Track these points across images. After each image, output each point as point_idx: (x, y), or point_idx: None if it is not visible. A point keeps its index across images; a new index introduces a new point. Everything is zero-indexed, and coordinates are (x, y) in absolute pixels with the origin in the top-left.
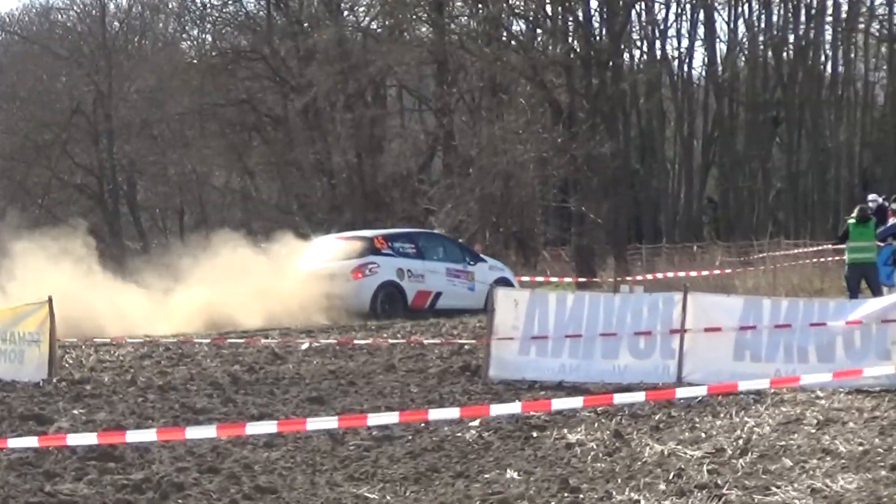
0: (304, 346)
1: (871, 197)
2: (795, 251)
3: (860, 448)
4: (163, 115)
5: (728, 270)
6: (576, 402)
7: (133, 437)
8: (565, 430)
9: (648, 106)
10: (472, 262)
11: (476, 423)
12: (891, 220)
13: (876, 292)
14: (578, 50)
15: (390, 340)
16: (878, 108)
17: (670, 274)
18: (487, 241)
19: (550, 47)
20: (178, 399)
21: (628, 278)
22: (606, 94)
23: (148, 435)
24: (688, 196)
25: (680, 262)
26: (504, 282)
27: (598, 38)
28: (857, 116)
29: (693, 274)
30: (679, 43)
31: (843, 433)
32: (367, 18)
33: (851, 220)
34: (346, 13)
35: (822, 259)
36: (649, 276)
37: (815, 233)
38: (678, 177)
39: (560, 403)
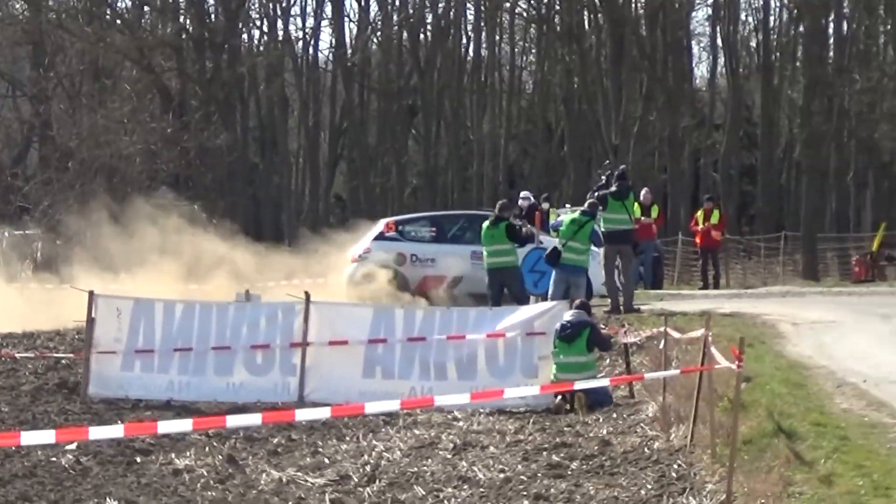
0: None
1: (523, 195)
2: None
3: (501, 475)
4: None
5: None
6: (185, 424)
7: None
8: (173, 455)
9: (269, 93)
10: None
11: (73, 446)
12: (554, 220)
13: (521, 300)
14: (190, 30)
15: None
16: (525, 96)
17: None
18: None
19: (159, 27)
20: None
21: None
22: (222, 79)
23: None
24: (313, 193)
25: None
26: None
27: (212, 16)
28: (503, 105)
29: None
30: (304, 22)
31: (482, 459)
32: None
33: (486, 223)
34: None
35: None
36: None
37: None
38: (303, 172)
39: (167, 426)
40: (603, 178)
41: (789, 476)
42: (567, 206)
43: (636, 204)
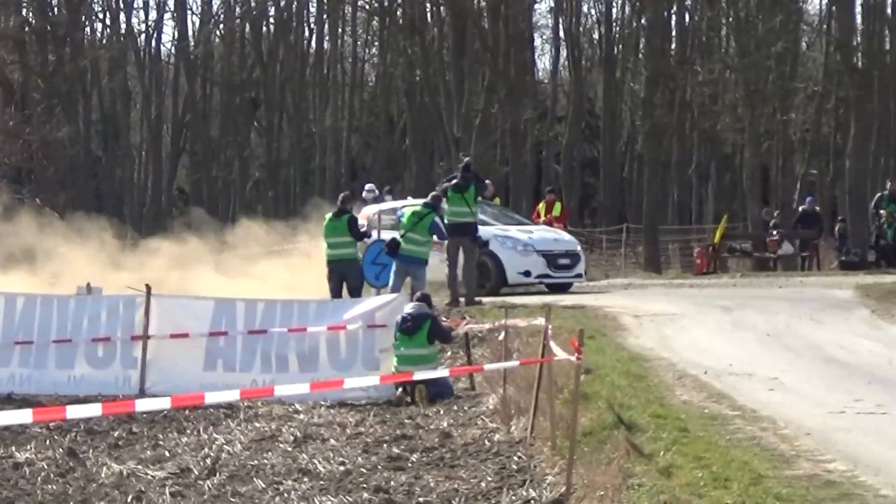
0: None
1: (368, 187)
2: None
3: (342, 468)
4: None
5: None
6: (24, 416)
7: None
8: (13, 448)
9: (112, 86)
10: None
11: None
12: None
13: (354, 293)
14: (33, 23)
15: None
16: (368, 88)
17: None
18: None
19: (1, 20)
20: None
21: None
22: (64, 72)
23: None
24: (156, 186)
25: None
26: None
27: (54, 9)
28: (346, 98)
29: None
30: (147, 15)
31: (322, 451)
32: None
33: (328, 215)
34: None
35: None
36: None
37: (298, 227)
38: (145, 165)
39: (6, 418)
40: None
41: (629, 468)
42: (409, 198)
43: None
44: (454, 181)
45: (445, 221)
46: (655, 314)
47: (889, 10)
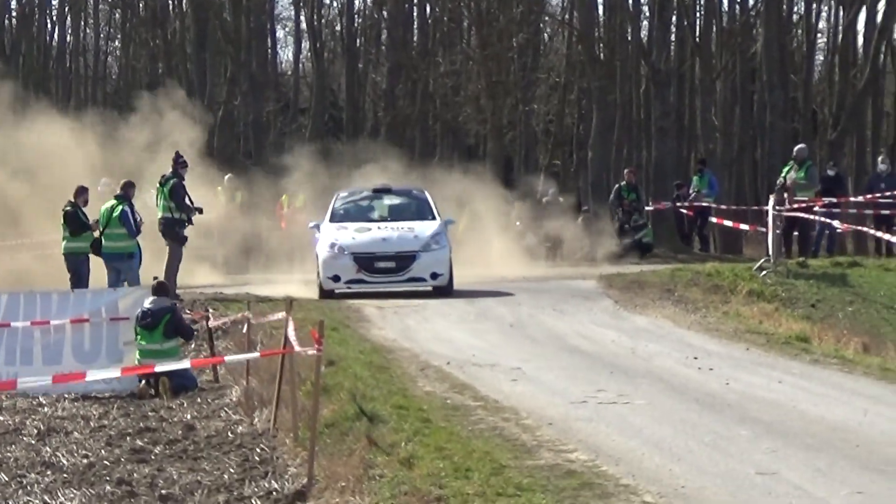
0: None
1: (103, 181)
2: None
3: (85, 461)
4: None
5: None
6: None
7: None
8: None
9: None
10: None
11: None
12: None
13: (80, 285)
14: None
15: None
16: (111, 81)
17: None
18: None
19: None
20: None
21: None
22: None
23: None
24: None
25: None
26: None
27: None
28: (89, 91)
29: None
30: None
31: (66, 444)
32: None
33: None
34: None
35: None
36: None
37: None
38: None
39: None
40: None
41: (370, 459)
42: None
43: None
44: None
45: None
46: (399, 305)
47: (630, 2)
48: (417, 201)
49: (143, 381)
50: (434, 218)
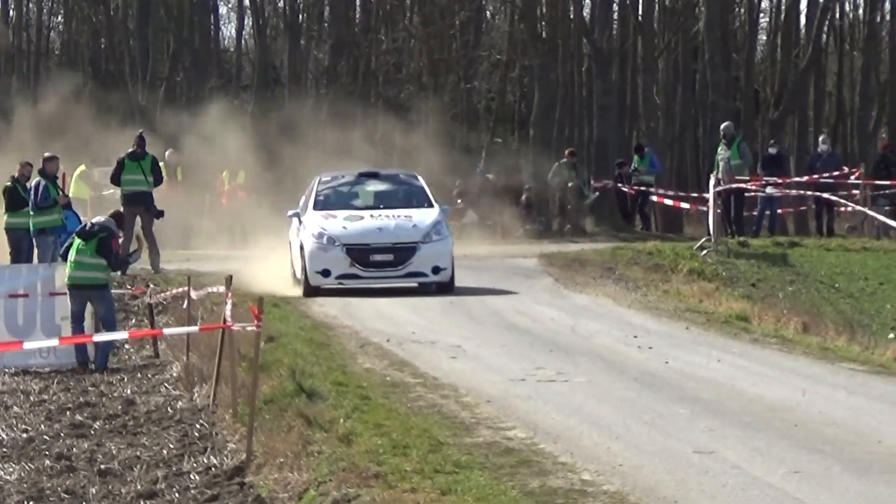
0: None
1: (46, 156)
2: None
3: (24, 435)
4: None
5: None
6: None
7: None
8: None
9: None
10: None
11: None
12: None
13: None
14: None
15: None
16: (53, 57)
17: None
18: None
19: None
20: None
21: None
22: None
23: None
24: None
25: None
26: None
27: None
28: (31, 66)
29: None
30: None
31: (6, 419)
32: None
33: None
34: None
35: None
36: None
37: None
38: None
39: None
40: None
41: (309, 435)
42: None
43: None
44: (129, 151)
45: (123, 191)
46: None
47: None
48: (409, 187)
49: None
50: (432, 205)
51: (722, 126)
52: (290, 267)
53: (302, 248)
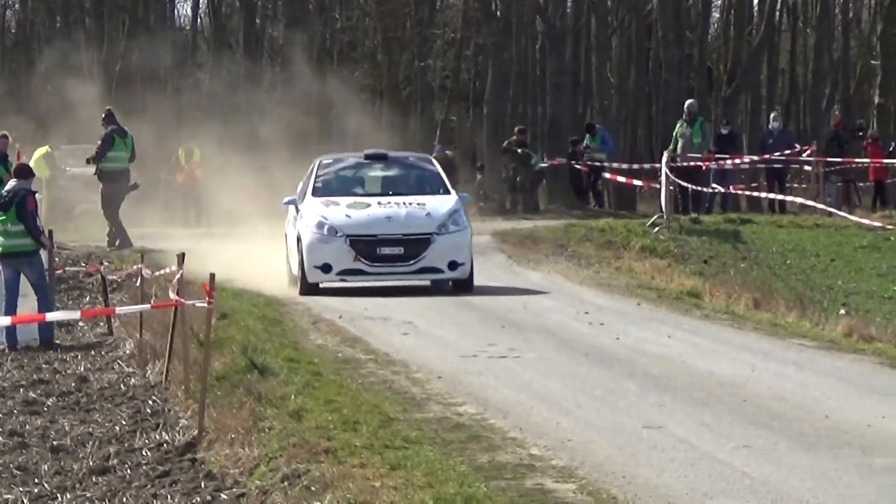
0: None
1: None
2: None
3: None
4: None
5: None
6: None
7: None
8: None
9: None
10: None
11: None
12: None
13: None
14: None
15: None
16: (10, 35)
17: None
18: None
19: None
20: None
21: None
22: None
23: None
24: None
25: None
26: None
27: None
28: None
29: None
30: None
31: None
32: None
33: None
34: None
35: None
36: None
37: None
38: None
39: None
40: None
41: (260, 411)
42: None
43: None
44: (113, 128)
45: (107, 166)
46: None
47: None
48: (422, 171)
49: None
50: (448, 192)
51: (687, 103)
52: (286, 262)
53: (299, 239)
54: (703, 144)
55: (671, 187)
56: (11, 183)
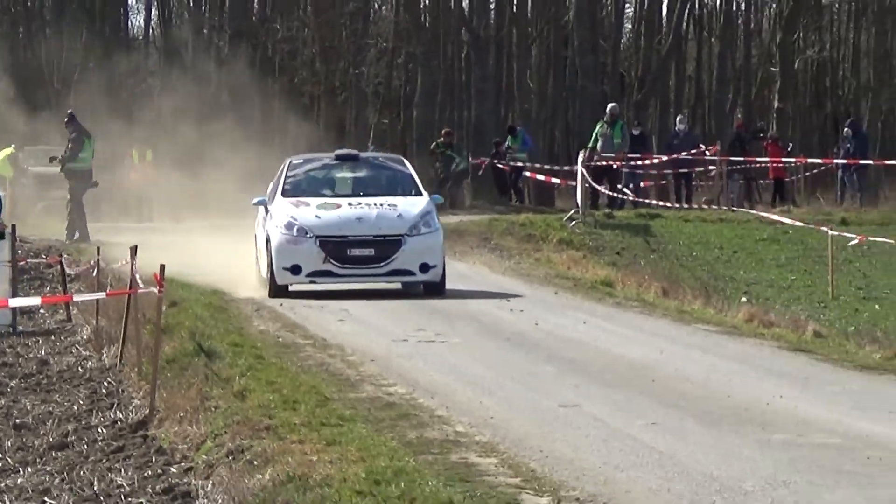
0: None
1: None
2: None
3: None
4: None
5: None
6: None
7: None
8: None
9: None
10: None
11: None
12: None
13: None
14: None
15: None
16: None
17: None
18: None
19: None
20: None
21: None
22: None
23: None
24: None
25: None
26: None
27: None
28: None
29: None
30: None
31: None
32: None
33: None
34: None
35: None
36: None
37: None
38: None
39: None
40: None
41: (207, 391)
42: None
43: None
44: (80, 130)
45: (77, 166)
46: (238, 251)
47: None
48: (393, 172)
49: None
50: (420, 193)
51: (609, 106)
52: (255, 263)
53: (268, 240)
54: (622, 145)
55: (586, 185)
56: None
